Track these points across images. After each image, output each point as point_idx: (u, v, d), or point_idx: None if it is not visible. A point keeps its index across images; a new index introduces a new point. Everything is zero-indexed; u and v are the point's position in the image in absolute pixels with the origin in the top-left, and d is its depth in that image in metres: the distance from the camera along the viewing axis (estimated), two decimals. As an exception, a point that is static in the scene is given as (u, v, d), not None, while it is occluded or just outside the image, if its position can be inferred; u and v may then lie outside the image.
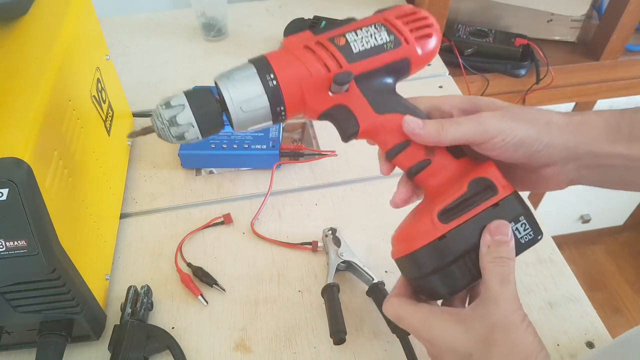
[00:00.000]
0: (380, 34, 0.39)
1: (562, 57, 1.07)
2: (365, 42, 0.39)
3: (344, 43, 0.38)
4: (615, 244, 1.82)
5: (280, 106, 0.38)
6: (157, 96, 0.86)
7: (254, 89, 0.37)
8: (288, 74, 0.38)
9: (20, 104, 0.42)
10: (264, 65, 0.38)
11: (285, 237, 0.63)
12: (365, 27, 0.39)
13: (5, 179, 0.37)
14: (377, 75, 0.39)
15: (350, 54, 0.38)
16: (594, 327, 0.55)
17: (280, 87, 0.37)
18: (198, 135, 0.39)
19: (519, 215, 0.37)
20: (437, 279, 0.37)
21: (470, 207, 0.37)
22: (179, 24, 1.00)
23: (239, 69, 0.38)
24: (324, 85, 0.38)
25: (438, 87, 0.86)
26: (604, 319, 0.56)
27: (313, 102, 0.39)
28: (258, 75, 0.37)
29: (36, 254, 0.41)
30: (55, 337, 0.49)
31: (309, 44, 0.39)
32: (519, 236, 0.37)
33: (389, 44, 0.39)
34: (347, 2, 1.04)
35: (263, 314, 0.56)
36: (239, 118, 0.38)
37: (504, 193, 0.37)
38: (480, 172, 0.38)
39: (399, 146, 0.39)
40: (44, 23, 0.51)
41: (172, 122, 0.38)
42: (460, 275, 0.37)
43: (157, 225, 0.65)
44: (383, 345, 0.54)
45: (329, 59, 0.38)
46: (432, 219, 0.37)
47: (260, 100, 0.37)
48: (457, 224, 0.36)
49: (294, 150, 0.69)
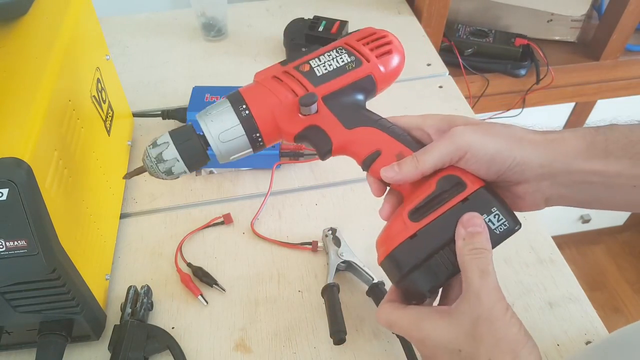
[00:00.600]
0: (341, 57, 0.43)
1: (562, 57, 1.07)
2: (328, 65, 0.42)
3: (308, 69, 0.42)
4: (616, 243, 1.82)
5: (255, 133, 0.42)
6: (157, 96, 0.86)
7: (229, 120, 0.41)
8: (259, 103, 0.41)
9: (20, 104, 0.43)
10: (237, 98, 0.42)
11: (285, 237, 0.64)
12: (327, 52, 0.43)
13: (5, 179, 0.37)
14: (343, 94, 0.42)
15: (315, 77, 0.42)
16: (594, 327, 0.55)
17: (253, 115, 0.41)
18: (184, 169, 0.42)
19: (490, 207, 0.37)
20: (416, 277, 0.37)
21: (440, 204, 0.38)
22: (179, 24, 1.00)
23: (215, 105, 0.42)
24: (293, 109, 0.41)
25: (438, 87, 0.86)
26: (604, 319, 0.56)
27: (286, 126, 0.42)
28: (232, 108, 0.41)
29: (36, 254, 0.41)
30: (55, 337, 0.49)
31: (277, 74, 0.42)
32: (493, 227, 0.37)
33: (350, 64, 0.43)
34: (347, 3, 1.05)
35: (263, 314, 0.56)
36: (220, 148, 0.42)
37: (473, 187, 0.38)
38: (449, 171, 0.38)
39: (370, 156, 0.41)
40: (44, 23, 0.51)
41: (159, 159, 0.42)
42: (438, 270, 0.37)
43: (157, 225, 0.65)
44: (383, 345, 0.54)
45: (295, 85, 0.42)
46: (404, 219, 0.38)
47: (236, 130, 0.41)
48: (428, 222, 0.37)
49: (294, 150, 0.69)
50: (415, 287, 0.38)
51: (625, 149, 0.36)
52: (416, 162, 0.38)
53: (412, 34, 0.96)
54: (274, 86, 0.42)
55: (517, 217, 0.38)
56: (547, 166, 0.37)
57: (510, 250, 0.62)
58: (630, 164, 0.36)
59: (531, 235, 0.63)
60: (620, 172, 0.36)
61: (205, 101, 0.74)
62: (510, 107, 1.09)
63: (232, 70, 0.89)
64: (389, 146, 0.41)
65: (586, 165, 0.36)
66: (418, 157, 0.38)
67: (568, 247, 1.77)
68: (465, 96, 0.89)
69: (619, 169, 0.36)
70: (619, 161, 0.36)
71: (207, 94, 0.75)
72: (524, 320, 0.55)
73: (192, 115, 0.73)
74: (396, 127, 0.42)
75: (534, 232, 0.64)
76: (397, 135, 0.41)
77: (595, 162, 0.36)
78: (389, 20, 1.00)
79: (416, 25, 0.98)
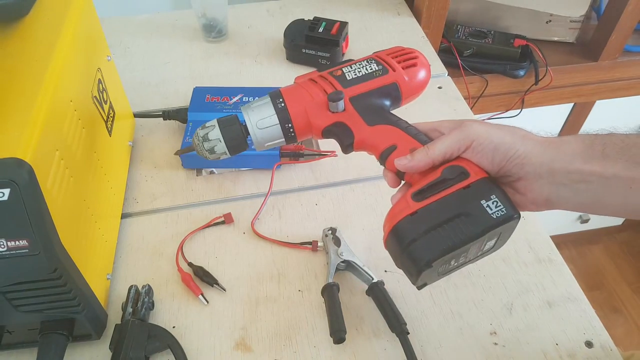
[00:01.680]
0: (370, 65, 0.49)
1: (561, 58, 1.07)
2: (357, 71, 0.49)
3: (340, 74, 0.49)
4: (614, 243, 1.82)
5: (288, 123, 0.47)
6: (158, 96, 0.86)
7: (267, 110, 0.48)
8: (294, 99, 0.48)
9: (21, 104, 0.43)
10: (277, 94, 0.48)
11: (286, 237, 0.64)
12: (359, 62, 0.49)
13: (7, 179, 0.37)
14: (369, 97, 0.48)
15: (345, 80, 0.48)
16: (593, 326, 0.55)
17: (288, 108, 0.47)
18: (225, 149, 0.49)
19: (490, 194, 0.40)
20: (415, 248, 0.39)
21: (442, 189, 0.41)
22: (179, 25, 1.00)
23: (259, 99, 0.49)
24: (323, 106, 0.47)
25: (437, 87, 0.86)
26: (602, 318, 0.56)
27: (316, 120, 0.47)
28: (271, 101, 0.48)
29: (37, 253, 0.41)
30: (57, 337, 0.49)
31: (314, 77, 0.49)
32: (490, 212, 0.39)
33: (377, 72, 0.49)
34: (347, 4, 1.05)
35: (263, 314, 0.57)
36: (256, 135, 0.48)
37: (475, 177, 0.41)
38: (455, 162, 0.42)
39: (387, 150, 0.45)
40: (45, 24, 0.51)
41: (205, 139, 0.49)
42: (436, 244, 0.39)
43: (158, 225, 0.65)
44: (383, 344, 0.54)
45: (327, 86, 0.48)
46: (407, 199, 0.41)
47: (272, 119, 0.47)
48: (429, 202, 0.40)
49: (294, 151, 0.69)
50: (414, 259, 0.39)
51: (621, 152, 0.38)
52: (427, 150, 0.42)
53: (411, 34, 0.97)
54: (309, 86, 0.48)
55: (516, 208, 0.40)
56: (547, 163, 0.39)
57: (509, 250, 0.62)
58: (625, 166, 0.37)
59: (530, 235, 0.64)
60: (616, 173, 0.37)
61: (205, 101, 0.74)
62: (509, 107, 1.10)
63: (233, 71, 0.89)
64: (405, 141, 0.45)
65: (584, 166, 0.38)
66: (429, 146, 0.42)
67: (567, 247, 1.78)
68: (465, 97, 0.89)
69: (615, 171, 0.37)
70: (615, 163, 0.37)
71: (208, 94, 0.76)
72: (523, 319, 0.56)
73: (192, 116, 0.73)
74: (413, 128, 0.46)
75: (533, 232, 0.64)
76: (413, 133, 0.46)
77: (593, 163, 0.38)
78: (389, 21, 1.00)
79: (415, 26, 0.99)
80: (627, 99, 1.18)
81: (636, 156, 0.37)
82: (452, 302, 0.57)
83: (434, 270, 0.40)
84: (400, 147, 0.45)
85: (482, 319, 0.56)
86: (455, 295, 0.58)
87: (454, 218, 0.39)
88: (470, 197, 0.40)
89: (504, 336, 0.55)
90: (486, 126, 0.41)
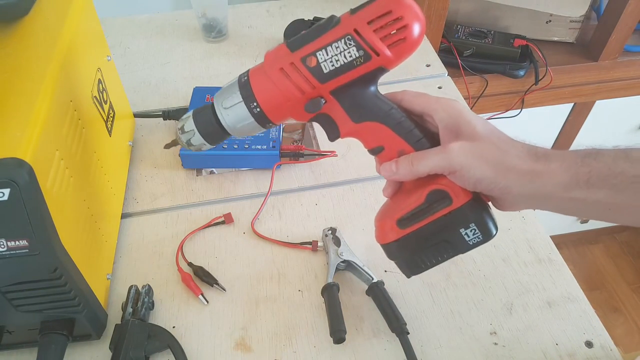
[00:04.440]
0: (349, 51, 0.40)
1: (560, 58, 1.07)
2: (335, 61, 0.41)
3: (314, 64, 0.41)
4: (614, 243, 1.82)
5: (267, 123, 0.45)
6: (158, 96, 0.86)
7: (243, 115, 0.44)
8: (269, 101, 0.43)
9: (21, 104, 0.43)
10: (249, 94, 0.43)
11: (286, 237, 0.64)
12: (335, 43, 0.40)
13: (7, 179, 0.37)
14: (352, 86, 0.42)
15: (322, 74, 0.41)
16: (593, 326, 0.55)
17: (264, 111, 0.44)
18: (203, 141, 0.47)
19: (469, 223, 0.42)
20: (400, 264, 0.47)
21: (424, 216, 0.43)
22: (179, 25, 1.00)
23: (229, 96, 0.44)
24: (302, 105, 0.43)
25: (437, 87, 0.86)
26: (602, 318, 0.56)
27: (296, 116, 0.44)
28: (244, 104, 0.44)
29: (37, 253, 0.41)
30: (57, 337, 0.49)
31: (284, 65, 0.42)
32: (467, 239, 0.43)
33: (358, 59, 0.40)
34: (347, 4, 1.04)
35: (263, 313, 0.57)
36: (235, 132, 0.46)
37: (457, 203, 0.42)
38: (440, 184, 0.42)
39: (375, 149, 0.44)
40: (45, 24, 0.51)
41: (182, 130, 0.47)
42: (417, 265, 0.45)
43: (158, 225, 0.65)
44: (383, 344, 0.54)
45: (302, 83, 0.42)
46: (392, 224, 0.44)
47: (250, 122, 0.45)
48: (410, 231, 0.44)
49: (294, 151, 0.69)
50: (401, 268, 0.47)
51: (606, 180, 0.38)
52: (410, 165, 0.42)
53: (411, 34, 0.97)
54: (281, 82, 0.42)
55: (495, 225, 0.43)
56: (527, 195, 0.40)
57: (509, 250, 0.62)
58: (609, 194, 0.38)
59: (530, 235, 0.64)
60: (598, 200, 0.38)
61: (206, 101, 0.74)
62: (509, 107, 1.10)
63: (233, 71, 0.89)
64: (392, 143, 0.43)
65: (566, 194, 0.39)
66: (414, 161, 0.42)
67: (567, 247, 1.78)
68: (465, 97, 0.90)
69: (598, 198, 0.38)
70: (599, 191, 0.38)
71: (208, 94, 0.76)
72: (523, 319, 0.56)
73: (192, 116, 0.73)
74: (404, 120, 0.43)
75: (533, 232, 0.64)
76: (402, 132, 0.43)
77: (576, 191, 0.38)
78: (389, 21, 1.00)
79: (415, 26, 0.98)
80: (627, 99, 1.18)
81: (620, 184, 0.37)
82: (452, 302, 0.57)
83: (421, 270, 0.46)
84: (387, 148, 0.43)
85: (482, 319, 0.56)
86: (455, 295, 0.58)
87: (433, 245, 0.44)
88: (450, 225, 0.43)
89: (504, 336, 0.55)
90: (472, 156, 0.40)
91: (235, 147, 0.69)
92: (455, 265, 0.61)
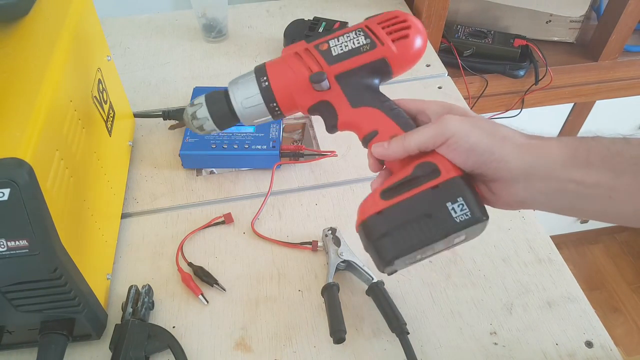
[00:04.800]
0: (358, 39, 0.46)
1: (561, 58, 1.07)
2: (344, 46, 0.45)
3: (325, 48, 0.46)
4: (614, 243, 1.82)
5: (272, 102, 0.46)
6: (158, 97, 0.86)
7: (251, 89, 0.46)
8: (278, 77, 0.46)
9: (21, 104, 0.43)
10: (261, 71, 0.47)
11: (286, 237, 0.64)
12: (347, 34, 0.46)
13: (7, 179, 0.37)
14: (356, 74, 0.45)
15: (330, 57, 0.45)
16: (593, 326, 0.55)
17: (272, 87, 0.46)
18: (214, 127, 0.48)
19: (456, 196, 0.39)
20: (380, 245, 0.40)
21: (410, 188, 0.40)
22: (179, 25, 1.00)
23: (244, 75, 0.48)
24: (308, 84, 0.45)
25: (437, 87, 0.86)
26: (602, 318, 0.56)
27: (300, 99, 0.46)
28: (255, 78, 0.46)
29: (37, 253, 0.41)
30: (57, 337, 0.49)
31: (299, 50, 0.46)
32: (454, 215, 0.38)
33: (365, 46, 0.45)
34: (347, 4, 1.05)
35: (263, 313, 0.57)
36: (242, 113, 0.47)
37: (446, 176, 0.39)
38: (428, 158, 0.41)
39: (369, 135, 0.44)
40: (45, 24, 0.51)
41: (193, 116, 0.48)
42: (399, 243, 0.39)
43: (158, 225, 0.65)
44: (383, 344, 0.54)
45: (311, 63, 0.45)
46: (375, 196, 0.41)
47: (256, 98, 0.46)
48: (395, 202, 0.40)
49: (294, 151, 0.69)
50: (379, 255, 0.40)
51: (606, 160, 0.36)
52: (403, 141, 0.41)
53: (411, 34, 0.97)
54: (293, 62, 0.46)
55: (484, 210, 0.39)
56: (524, 169, 0.38)
57: (509, 250, 0.62)
58: (609, 176, 0.36)
59: (530, 235, 0.64)
60: (598, 182, 0.36)
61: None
62: (509, 107, 1.10)
63: (233, 71, 0.89)
64: (386, 127, 0.44)
65: (565, 173, 0.37)
66: (406, 137, 0.41)
67: (567, 247, 1.78)
68: (465, 97, 0.89)
69: (597, 180, 0.36)
70: (598, 172, 0.36)
71: (208, 94, 0.75)
72: (523, 319, 0.56)
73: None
74: (400, 110, 0.45)
75: (533, 232, 0.64)
76: (397, 118, 0.44)
77: (575, 170, 0.36)
78: (389, 21, 1.00)
79: (415, 26, 0.98)
80: (627, 99, 1.18)
81: (620, 164, 0.36)
82: (452, 302, 0.57)
83: (400, 262, 0.40)
84: (381, 133, 0.43)
85: (482, 319, 0.56)
86: (455, 295, 0.58)
87: (417, 219, 0.39)
88: (437, 198, 0.39)
89: (504, 336, 0.55)
90: (467, 123, 0.39)
91: (235, 147, 0.69)
92: (455, 265, 0.61)
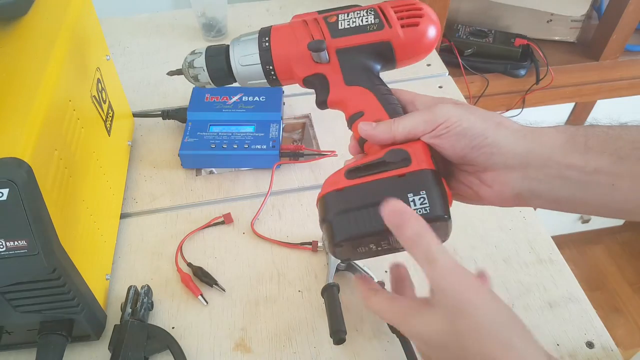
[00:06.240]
0: (367, 17, 0.44)
1: (561, 57, 1.07)
2: (352, 22, 0.44)
3: (334, 20, 0.45)
4: (615, 243, 1.82)
5: (269, 65, 0.46)
6: (158, 96, 0.85)
7: (250, 48, 0.46)
8: (280, 40, 0.45)
9: (20, 104, 0.43)
10: (266, 32, 0.46)
11: (285, 237, 0.64)
12: (359, 11, 0.45)
13: (6, 179, 0.37)
14: (358, 53, 0.44)
15: (336, 30, 0.44)
16: (594, 326, 0.55)
17: (271, 48, 0.45)
18: (208, 80, 0.48)
19: (420, 189, 0.37)
20: (333, 223, 0.38)
21: (377, 171, 0.38)
22: (179, 24, 1.00)
23: (248, 33, 0.47)
24: (307, 53, 0.44)
25: (438, 87, 0.86)
26: (603, 318, 0.56)
27: (298, 67, 0.45)
28: (257, 38, 0.46)
29: (36, 254, 0.41)
30: (56, 337, 0.49)
31: (307, 19, 0.45)
32: (412, 207, 0.36)
33: (372, 25, 0.44)
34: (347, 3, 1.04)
35: (263, 314, 0.56)
36: (238, 71, 0.47)
37: (416, 167, 0.38)
38: (404, 146, 0.39)
39: (355, 115, 0.43)
40: (44, 23, 0.51)
41: (190, 65, 0.48)
42: (352, 225, 0.38)
43: (157, 225, 0.65)
44: (383, 345, 0.54)
45: (316, 32, 0.44)
46: (340, 173, 0.40)
47: (253, 57, 0.46)
48: (357, 182, 0.39)
49: (294, 151, 0.69)
50: (330, 233, 0.39)
51: (605, 144, 0.35)
52: (391, 124, 0.39)
53: (412, 34, 0.97)
54: (298, 28, 0.45)
55: (447, 209, 0.37)
56: (520, 156, 0.36)
57: (510, 250, 0.62)
58: (610, 161, 0.34)
59: (531, 235, 0.64)
60: (599, 168, 0.34)
61: (205, 101, 0.74)
62: (510, 107, 1.09)
63: (232, 71, 0.89)
64: (372, 110, 0.42)
65: (564, 159, 0.35)
66: (395, 120, 0.39)
67: (568, 247, 1.78)
68: (465, 96, 0.89)
69: (598, 165, 0.34)
70: (599, 157, 0.34)
71: (207, 94, 0.75)
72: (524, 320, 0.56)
73: (192, 116, 0.73)
74: (391, 97, 0.43)
75: (534, 232, 0.64)
76: (386, 103, 0.42)
77: (574, 156, 0.35)
78: (389, 21, 1.00)
79: (416, 26, 0.98)
80: (628, 99, 1.18)
81: (621, 149, 0.34)
82: (453, 303, 0.57)
83: (351, 250, 0.39)
84: (367, 114, 0.42)
85: (482, 320, 0.56)
86: (455, 296, 0.58)
87: (375, 204, 0.36)
88: (399, 188, 0.37)
89: (504, 337, 0.54)
90: (460, 109, 0.37)
91: (235, 146, 0.68)
92: (455, 266, 0.60)
